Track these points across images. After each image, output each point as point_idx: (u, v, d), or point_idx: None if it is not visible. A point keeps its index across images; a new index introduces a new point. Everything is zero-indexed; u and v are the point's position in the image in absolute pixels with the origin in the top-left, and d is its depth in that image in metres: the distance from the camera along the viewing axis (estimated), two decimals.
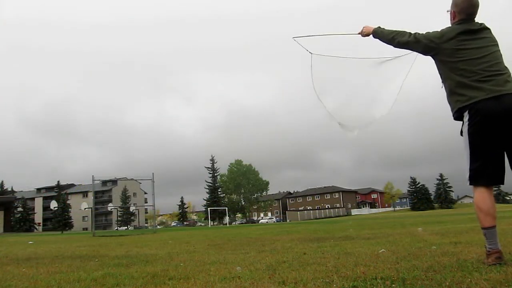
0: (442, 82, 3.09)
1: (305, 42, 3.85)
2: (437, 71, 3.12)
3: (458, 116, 2.96)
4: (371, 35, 3.40)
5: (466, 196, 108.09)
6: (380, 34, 3.30)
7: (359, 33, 3.52)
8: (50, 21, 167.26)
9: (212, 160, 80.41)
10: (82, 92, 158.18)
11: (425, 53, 3.12)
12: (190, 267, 3.84)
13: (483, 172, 2.81)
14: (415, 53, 3.33)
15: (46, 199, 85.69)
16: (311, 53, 3.88)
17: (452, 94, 2.97)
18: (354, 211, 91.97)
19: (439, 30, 3.04)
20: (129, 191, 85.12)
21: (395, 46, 3.26)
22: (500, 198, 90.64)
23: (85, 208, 50.88)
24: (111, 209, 79.15)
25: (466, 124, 2.86)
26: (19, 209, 72.06)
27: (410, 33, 3.12)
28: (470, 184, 2.88)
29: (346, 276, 2.75)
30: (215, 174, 79.77)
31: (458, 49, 2.91)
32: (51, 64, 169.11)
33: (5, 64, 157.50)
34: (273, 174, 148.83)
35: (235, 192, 79.22)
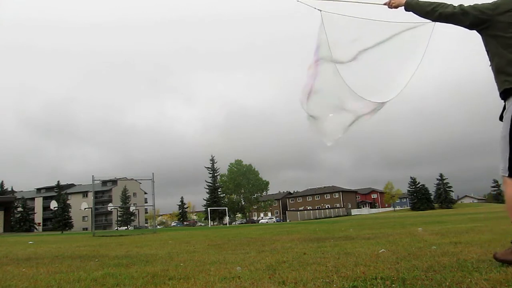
0: (489, 60, 2.85)
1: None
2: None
3: (505, 97, 2.73)
4: (401, 7, 3.06)
5: (466, 196, 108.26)
6: (416, 6, 2.97)
7: (385, 4, 3.18)
8: (50, 21, 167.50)
9: (212, 160, 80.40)
10: (82, 92, 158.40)
11: (472, 26, 2.82)
12: (190, 267, 3.84)
13: None
14: (432, 23, 3.03)
15: (46, 199, 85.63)
16: (320, 10, 3.55)
17: (500, 73, 2.72)
18: (354, 211, 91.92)
19: (490, 1, 2.78)
20: (129, 191, 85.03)
21: (434, 20, 2.96)
22: (500, 198, 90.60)
23: (85, 208, 50.88)
24: (111, 209, 79.10)
25: (510, 109, 2.61)
26: (19, 209, 72.00)
27: (453, 4, 2.84)
28: (510, 176, 2.62)
29: (346, 276, 2.75)
30: (215, 174, 79.72)
31: None
32: (51, 64, 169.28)
33: (5, 64, 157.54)
34: (273, 174, 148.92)
35: (235, 192, 79.11)
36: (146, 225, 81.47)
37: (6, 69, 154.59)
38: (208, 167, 79.95)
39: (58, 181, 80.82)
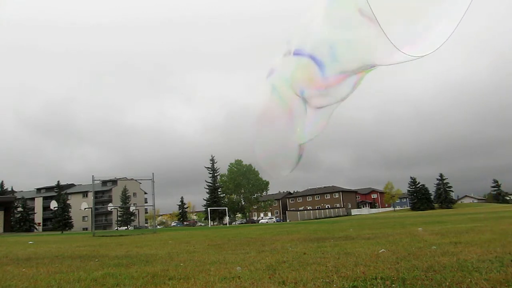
0: None
1: None
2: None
3: None
4: None
5: (466, 196, 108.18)
6: None
7: None
8: (50, 21, 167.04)
9: (212, 160, 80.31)
10: (82, 92, 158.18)
11: None
12: (190, 267, 3.84)
13: None
14: None
15: (46, 199, 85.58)
16: None
17: None
18: (354, 211, 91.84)
19: None
20: (129, 191, 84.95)
21: None
22: (500, 198, 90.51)
23: (85, 208, 50.90)
24: (111, 209, 79.07)
25: None
26: (19, 209, 71.94)
27: None
28: None
29: (346, 276, 2.75)
30: (215, 174, 79.63)
31: None
32: (51, 64, 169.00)
33: (5, 64, 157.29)
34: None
35: (235, 192, 79.02)
36: (146, 225, 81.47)
37: (6, 69, 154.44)
38: (208, 167, 79.91)
39: (58, 181, 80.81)
